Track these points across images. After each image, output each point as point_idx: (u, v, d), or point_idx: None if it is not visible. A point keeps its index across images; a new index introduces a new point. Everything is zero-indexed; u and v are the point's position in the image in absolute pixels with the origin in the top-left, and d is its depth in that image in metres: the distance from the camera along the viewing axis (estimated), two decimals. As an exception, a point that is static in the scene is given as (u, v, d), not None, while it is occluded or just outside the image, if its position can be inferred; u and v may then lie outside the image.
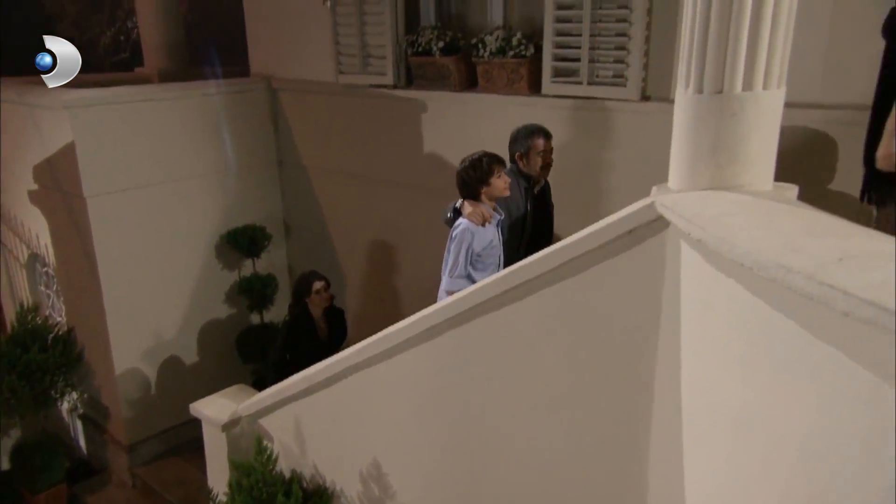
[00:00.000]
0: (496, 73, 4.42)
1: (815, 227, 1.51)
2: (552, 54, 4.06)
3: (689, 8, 1.83)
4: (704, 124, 1.86)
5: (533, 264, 2.24)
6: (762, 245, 1.41)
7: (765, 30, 1.74)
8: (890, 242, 1.35)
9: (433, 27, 4.81)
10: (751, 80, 1.79)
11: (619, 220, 2.03)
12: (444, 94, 4.78)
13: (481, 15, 4.87)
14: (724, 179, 1.86)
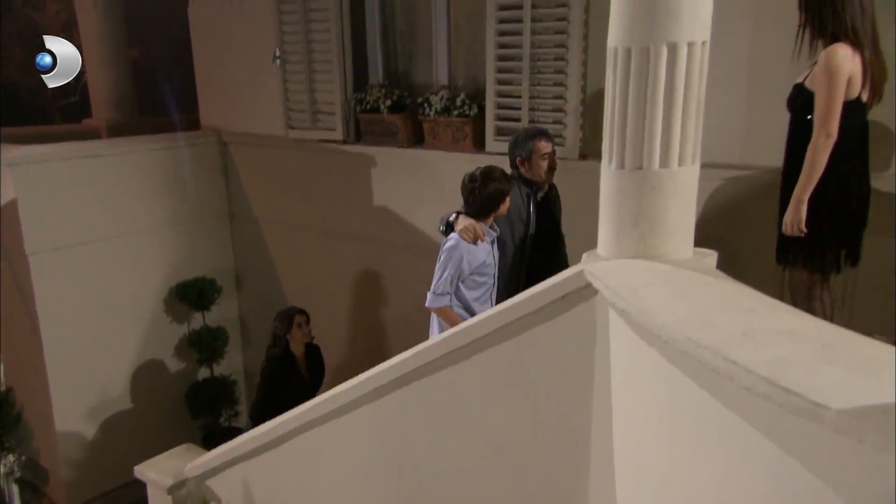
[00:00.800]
0: (442, 131, 4.56)
1: (726, 299, 1.62)
2: (494, 114, 4.22)
3: (609, 92, 1.96)
4: (627, 197, 1.98)
5: (473, 327, 2.32)
6: (676, 318, 1.51)
7: (677, 113, 1.87)
8: (791, 317, 1.47)
9: (381, 85, 4.94)
10: (667, 158, 1.91)
11: (552, 286, 2.12)
12: (393, 150, 4.89)
13: (427, 73, 5.02)
14: (647, 248, 1.98)
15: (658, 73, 1.86)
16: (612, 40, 1.96)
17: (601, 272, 1.92)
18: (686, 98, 1.89)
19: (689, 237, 2.02)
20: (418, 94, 4.83)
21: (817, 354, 1.28)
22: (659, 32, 1.84)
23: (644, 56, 1.86)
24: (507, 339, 2.25)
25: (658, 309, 1.59)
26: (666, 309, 1.58)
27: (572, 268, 2.09)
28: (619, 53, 1.92)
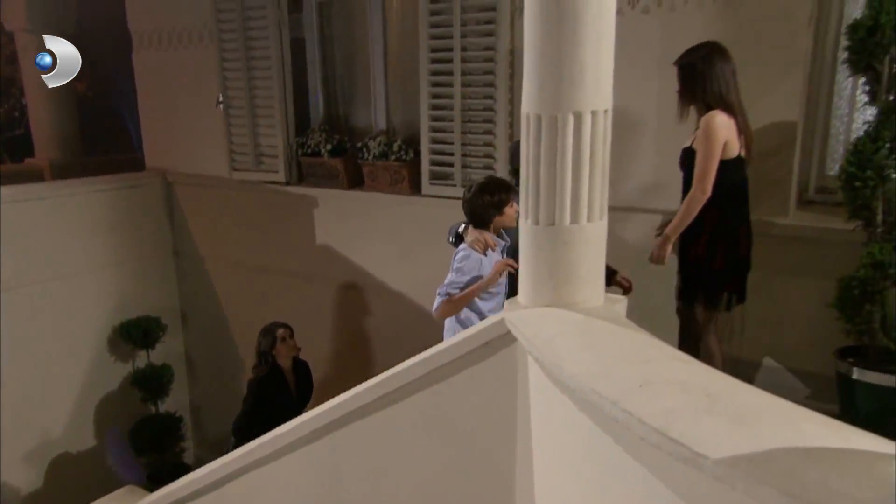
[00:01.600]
0: (380, 174, 4.61)
1: (628, 348, 1.71)
2: (429, 159, 4.30)
3: (523, 154, 2.05)
4: (542, 251, 2.06)
5: (402, 373, 2.35)
6: (582, 369, 1.58)
7: (584, 175, 1.97)
8: (682, 366, 1.55)
9: (322, 130, 4.97)
10: (577, 215, 2.00)
11: (477, 332, 2.18)
12: (334, 192, 4.92)
13: (367, 117, 5.08)
14: (562, 297, 2.05)
15: (566, 139, 1.95)
16: (524, 107, 2.05)
17: (520, 321, 1.99)
18: (592, 161, 1.98)
19: (600, 286, 2.11)
20: (359, 138, 4.88)
21: (702, 405, 1.36)
22: (565, 102, 1.94)
23: (553, 123, 1.96)
24: (435, 383, 2.29)
25: (567, 359, 1.66)
26: (574, 359, 1.65)
27: (494, 316, 2.16)
28: (531, 120, 2.01)
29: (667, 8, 3.26)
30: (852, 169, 2.51)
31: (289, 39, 5.03)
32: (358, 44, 5.05)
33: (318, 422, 2.63)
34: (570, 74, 1.93)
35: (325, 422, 2.60)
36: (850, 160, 2.54)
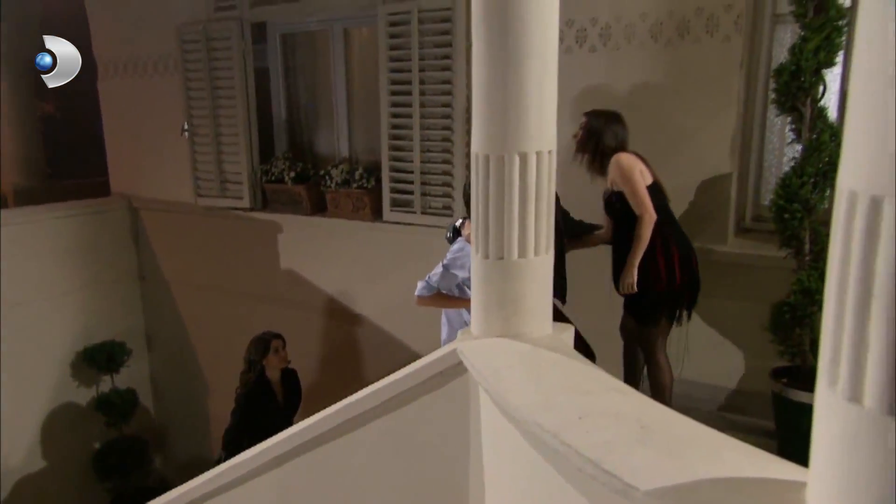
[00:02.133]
0: (343, 201, 4.63)
1: (570, 380, 1.75)
2: (390, 187, 4.33)
3: (474, 192, 2.10)
4: (492, 283, 2.10)
5: (360, 401, 2.36)
6: (526, 402, 1.62)
7: (530, 212, 2.03)
8: (619, 398, 1.60)
9: (285, 157, 4.97)
10: (524, 249, 2.06)
11: (432, 361, 2.21)
12: (298, 218, 4.92)
13: (330, 145, 5.10)
14: (511, 328, 2.10)
15: (512, 178, 2.01)
16: (474, 147, 2.10)
17: (471, 352, 2.03)
18: (537, 198, 2.04)
19: (548, 316, 2.16)
20: (322, 165, 4.90)
21: (635, 436, 1.41)
22: (511, 143, 2.00)
23: (500, 163, 2.01)
24: (392, 410, 2.31)
25: (513, 391, 1.70)
26: (519, 391, 1.69)
27: (448, 346, 2.19)
28: (480, 160, 2.06)
29: (612, 47, 3.37)
30: (781, 202, 2.62)
31: (253, 69, 5.04)
32: (321, 74, 5.08)
33: (279, 449, 2.62)
34: (516, 117, 1.99)
35: (285, 449, 2.59)
36: (779, 193, 2.65)
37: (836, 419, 1.03)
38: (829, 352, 1.04)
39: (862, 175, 0.97)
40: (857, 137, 0.98)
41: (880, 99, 0.93)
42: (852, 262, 0.99)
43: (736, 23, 3.05)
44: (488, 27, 2.02)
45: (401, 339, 4.53)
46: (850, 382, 1.00)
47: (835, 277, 1.02)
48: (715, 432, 1.46)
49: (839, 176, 1.03)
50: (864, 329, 0.97)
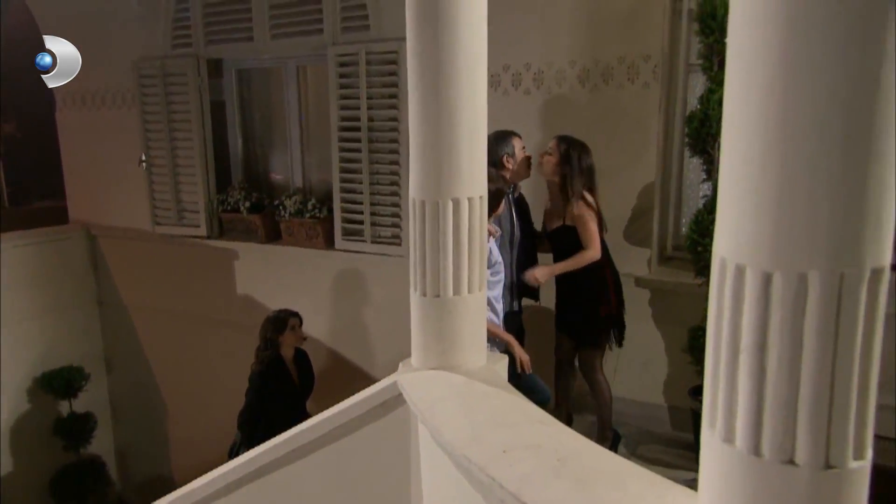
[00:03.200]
0: (297, 230, 4.63)
1: (498, 412, 1.81)
2: (341, 217, 4.36)
3: (412, 234, 2.15)
4: (429, 319, 2.15)
5: (307, 431, 2.37)
6: (456, 435, 1.67)
7: (464, 252, 2.08)
8: (541, 429, 1.67)
9: (241, 187, 4.95)
10: (458, 288, 2.11)
11: (374, 393, 2.23)
12: (253, 245, 4.89)
13: (285, 174, 5.09)
14: (448, 360, 2.15)
15: (446, 222, 2.07)
16: (411, 192, 2.16)
17: (409, 384, 2.07)
18: (470, 240, 2.10)
19: (482, 349, 2.21)
20: (278, 194, 4.89)
21: (552, 469, 1.47)
22: (445, 190, 2.06)
23: (435, 208, 2.07)
24: (337, 440, 2.33)
25: (446, 424, 1.75)
26: (451, 424, 1.74)
27: (389, 377, 2.22)
28: (417, 204, 2.12)
29: (544, 91, 3.48)
30: (694, 236, 2.75)
31: (209, 103, 5.01)
32: (275, 107, 5.08)
33: (226, 479, 2.60)
34: (448, 166, 2.06)
35: (235, 477, 2.58)
36: (693, 228, 2.78)
37: (714, 457, 1.11)
38: (709, 398, 1.12)
39: (730, 244, 1.05)
40: (724, 209, 1.06)
41: (741, 180, 1.01)
42: (724, 320, 1.07)
43: (654, 71, 3.20)
44: (422, 80, 2.09)
45: (352, 360, 4.53)
46: (725, 426, 1.08)
47: (712, 333, 1.11)
48: (622, 461, 1.53)
49: (714, 242, 1.12)
50: (734, 379, 1.06)
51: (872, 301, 0.97)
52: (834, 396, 0.98)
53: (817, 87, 0.91)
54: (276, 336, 3.82)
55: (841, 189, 0.92)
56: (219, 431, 5.41)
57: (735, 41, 1.00)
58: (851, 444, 1.00)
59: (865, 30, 0.89)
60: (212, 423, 5.48)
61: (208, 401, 5.47)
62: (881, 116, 0.90)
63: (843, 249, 0.94)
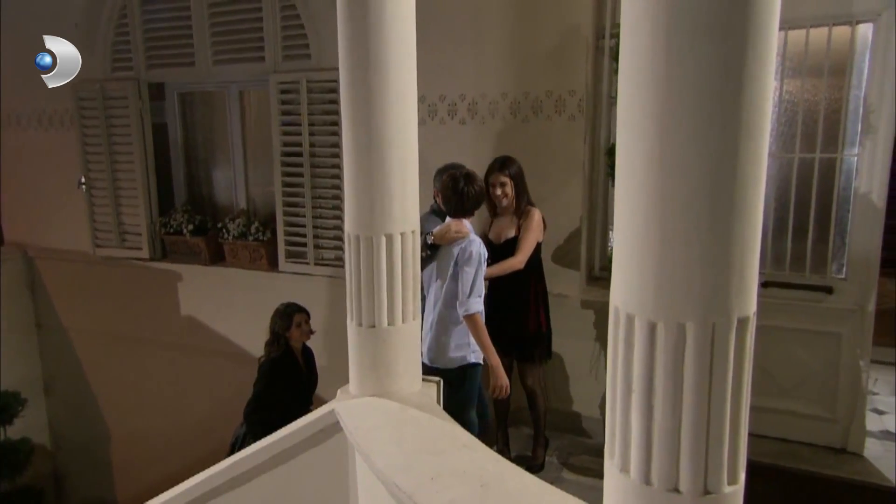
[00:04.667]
0: (240, 252, 4.59)
1: (428, 439, 1.87)
2: (284, 240, 4.35)
3: (347, 267, 2.19)
4: (365, 348, 2.19)
5: (249, 457, 2.38)
6: (388, 463, 1.72)
7: (397, 284, 2.14)
8: (467, 455, 1.73)
9: (184, 210, 4.87)
10: (393, 318, 2.17)
11: (312, 420, 2.26)
12: (197, 267, 4.81)
13: (228, 197, 5.04)
14: (384, 387, 2.20)
15: (380, 256, 2.12)
16: (347, 227, 2.21)
17: (345, 412, 2.11)
18: (403, 273, 2.16)
19: (417, 375, 2.27)
20: (222, 215, 4.83)
21: (476, 495, 1.54)
22: (378, 226, 2.12)
23: (369, 243, 2.12)
24: (277, 466, 2.34)
25: (378, 452, 1.80)
26: (383, 452, 1.79)
27: (327, 405, 2.26)
28: (352, 239, 2.17)
29: (478, 121, 3.59)
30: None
31: (151, 125, 4.92)
32: (218, 130, 5.03)
33: (184, 498, 2.56)
34: (381, 204, 2.11)
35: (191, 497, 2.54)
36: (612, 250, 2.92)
37: (613, 485, 1.20)
38: (609, 431, 1.21)
39: (623, 295, 1.15)
40: (617, 264, 1.16)
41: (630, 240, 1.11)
42: (619, 363, 1.16)
43: (579, 105, 3.35)
44: (354, 121, 2.14)
45: (298, 380, 4.50)
46: (621, 457, 1.17)
47: (610, 374, 1.20)
48: (543, 485, 1.62)
49: (611, 293, 1.21)
50: (627, 416, 1.15)
51: (741, 346, 1.08)
52: (710, 431, 1.09)
53: (689, 164, 1.01)
54: (283, 331, 3.72)
55: (710, 252, 1.03)
56: (164, 455, 5.28)
57: (622, 115, 1.10)
58: (726, 472, 1.11)
59: (724, 123, 0.99)
60: (156, 446, 5.35)
61: (152, 424, 5.33)
62: (742, 193, 1.01)
63: (713, 303, 1.05)
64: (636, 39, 1.03)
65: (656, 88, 1.01)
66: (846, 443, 3.23)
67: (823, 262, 3.25)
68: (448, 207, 2.87)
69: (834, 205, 3.18)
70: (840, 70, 3.07)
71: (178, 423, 5.18)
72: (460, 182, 2.80)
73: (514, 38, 3.48)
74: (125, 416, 5.50)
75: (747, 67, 0.97)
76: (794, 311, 3.28)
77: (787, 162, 3.27)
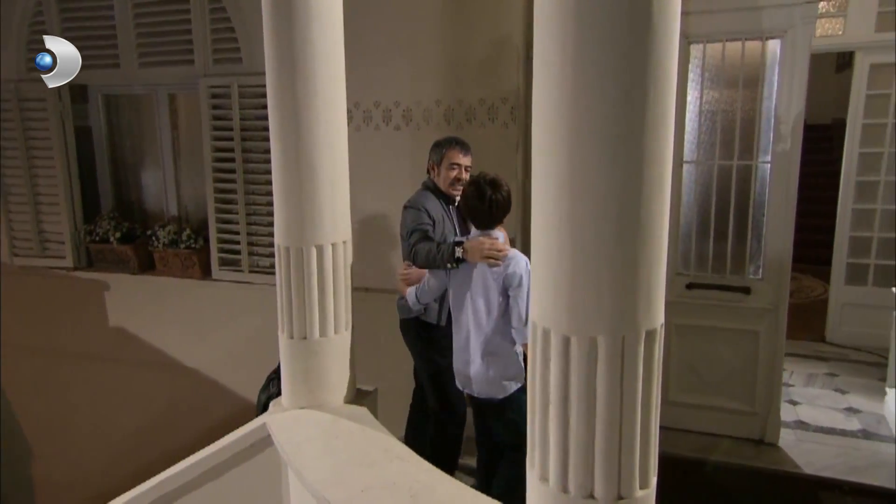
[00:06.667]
0: (172, 260, 4.44)
1: (361, 451, 1.87)
2: (217, 247, 4.24)
3: (278, 279, 2.17)
4: (297, 360, 2.18)
5: (177, 475, 2.31)
6: (318, 477, 1.72)
7: (329, 296, 2.14)
8: (398, 466, 1.74)
9: (110, 217, 4.67)
10: (325, 329, 2.16)
11: (243, 435, 2.22)
12: (126, 277, 4.63)
13: (159, 203, 4.86)
14: (316, 399, 2.18)
15: (311, 268, 2.11)
16: (276, 238, 2.18)
17: (277, 425, 2.08)
18: (335, 284, 2.16)
19: (352, 386, 2.27)
20: (152, 222, 4.66)
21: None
22: (308, 237, 2.11)
23: (299, 254, 2.11)
24: (208, 482, 2.29)
25: (309, 466, 1.79)
26: (314, 466, 1.78)
27: (259, 418, 2.22)
28: (281, 251, 2.15)
29: (413, 128, 3.59)
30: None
31: (73, 128, 4.70)
32: (146, 133, 4.85)
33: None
34: (311, 215, 2.11)
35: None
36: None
37: (535, 494, 1.24)
38: (529, 441, 1.25)
39: (540, 311, 1.18)
40: (535, 280, 1.19)
41: (545, 258, 1.15)
42: (537, 376, 1.20)
43: (511, 113, 3.41)
44: (281, 130, 2.14)
45: (235, 391, 4.41)
46: (541, 467, 1.21)
47: (530, 387, 1.23)
48: (475, 494, 1.64)
49: (531, 308, 1.25)
50: (546, 427, 1.19)
51: (649, 357, 1.14)
52: (622, 438, 1.14)
53: (597, 189, 1.05)
54: None
55: (618, 270, 1.07)
56: (90, 473, 5.06)
57: (535, 141, 1.14)
58: (638, 477, 1.16)
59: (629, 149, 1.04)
60: (82, 464, 5.11)
61: (77, 441, 5.10)
62: (647, 215, 1.07)
63: (623, 317, 1.10)
64: (545, 74, 1.07)
65: (565, 118, 1.05)
66: (764, 434, 3.42)
67: (742, 263, 3.42)
68: (476, 220, 2.49)
69: (750, 209, 3.36)
70: (753, 82, 3.25)
71: (106, 439, 4.96)
72: (486, 190, 2.41)
73: (448, 46, 3.50)
74: (48, 433, 5.23)
75: (649, 99, 1.02)
76: (716, 311, 3.45)
77: (707, 168, 3.43)
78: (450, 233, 2.76)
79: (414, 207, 2.75)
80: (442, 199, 2.79)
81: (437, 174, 2.81)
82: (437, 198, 2.79)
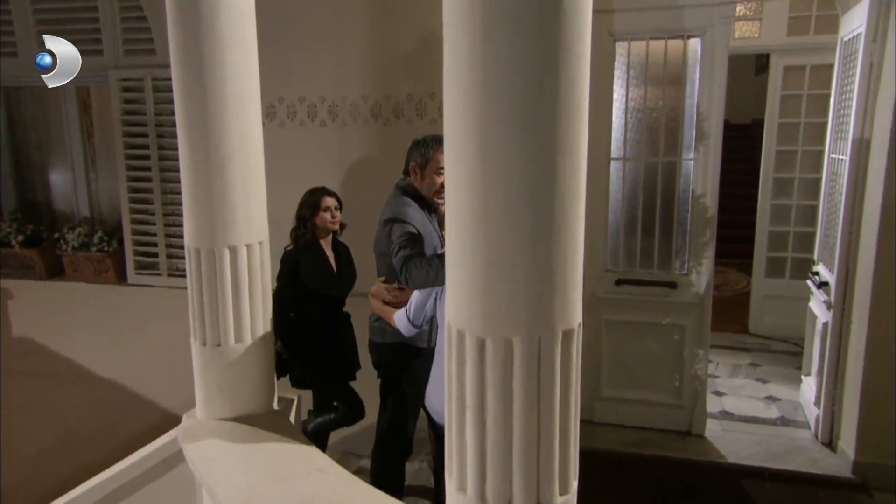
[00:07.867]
0: (83, 264, 4.17)
1: (278, 465, 1.77)
2: (133, 250, 4.01)
3: (189, 282, 2.03)
4: (211, 369, 2.05)
5: (84, 494, 2.15)
6: (230, 495, 1.61)
7: (244, 299, 2.02)
8: (316, 479, 1.66)
9: (13, 219, 4.35)
10: (241, 335, 2.04)
11: (154, 450, 2.09)
12: (31, 283, 4.32)
13: (69, 204, 4.57)
14: (235, 409, 2.06)
15: (223, 270, 1.99)
16: (186, 240, 2.05)
17: (190, 440, 1.95)
18: (251, 286, 2.04)
19: (272, 397, 2.16)
20: (62, 224, 4.37)
21: (323, 521, 1.47)
22: (220, 238, 1.98)
23: (211, 256, 1.98)
24: (124, 497, 2.14)
25: (221, 484, 1.68)
26: (227, 483, 1.67)
27: (170, 432, 2.09)
28: (192, 252, 2.01)
29: (339, 124, 3.49)
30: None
31: (-30, 123, 4.36)
32: (54, 129, 4.54)
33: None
34: (223, 214, 1.98)
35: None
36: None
37: None
38: (447, 449, 1.19)
39: (455, 313, 1.13)
40: (450, 282, 1.14)
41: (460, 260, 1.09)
42: (453, 380, 1.15)
43: (440, 108, 3.36)
44: (190, 129, 1.99)
45: (153, 400, 4.18)
46: (458, 475, 1.15)
47: (447, 391, 1.18)
48: (394, 502, 1.58)
49: (445, 311, 1.19)
50: (462, 433, 1.14)
51: (566, 358, 1.10)
52: (541, 443, 1.09)
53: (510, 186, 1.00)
54: (310, 215, 3.08)
55: (533, 269, 1.03)
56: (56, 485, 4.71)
57: (446, 137, 1.08)
58: (558, 483, 1.12)
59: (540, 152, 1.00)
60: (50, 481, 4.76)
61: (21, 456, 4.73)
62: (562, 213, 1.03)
63: (538, 318, 1.05)
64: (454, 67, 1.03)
65: (475, 113, 1.01)
66: (691, 426, 3.50)
67: (669, 259, 3.50)
68: None
69: (676, 206, 3.43)
70: (677, 80, 3.32)
71: (14, 457, 4.62)
72: None
73: (374, 40, 3.42)
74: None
75: (560, 93, 0.98)
76: (644, 306, 3.51)
77: (635, 165, 3.49)
78: (437, 246, 2.49)
79: (400, 220, 2.42)
80: (424, 207, 2.51)
81: (420, 178, 2.51)
82: (418, 206, 2.49)
